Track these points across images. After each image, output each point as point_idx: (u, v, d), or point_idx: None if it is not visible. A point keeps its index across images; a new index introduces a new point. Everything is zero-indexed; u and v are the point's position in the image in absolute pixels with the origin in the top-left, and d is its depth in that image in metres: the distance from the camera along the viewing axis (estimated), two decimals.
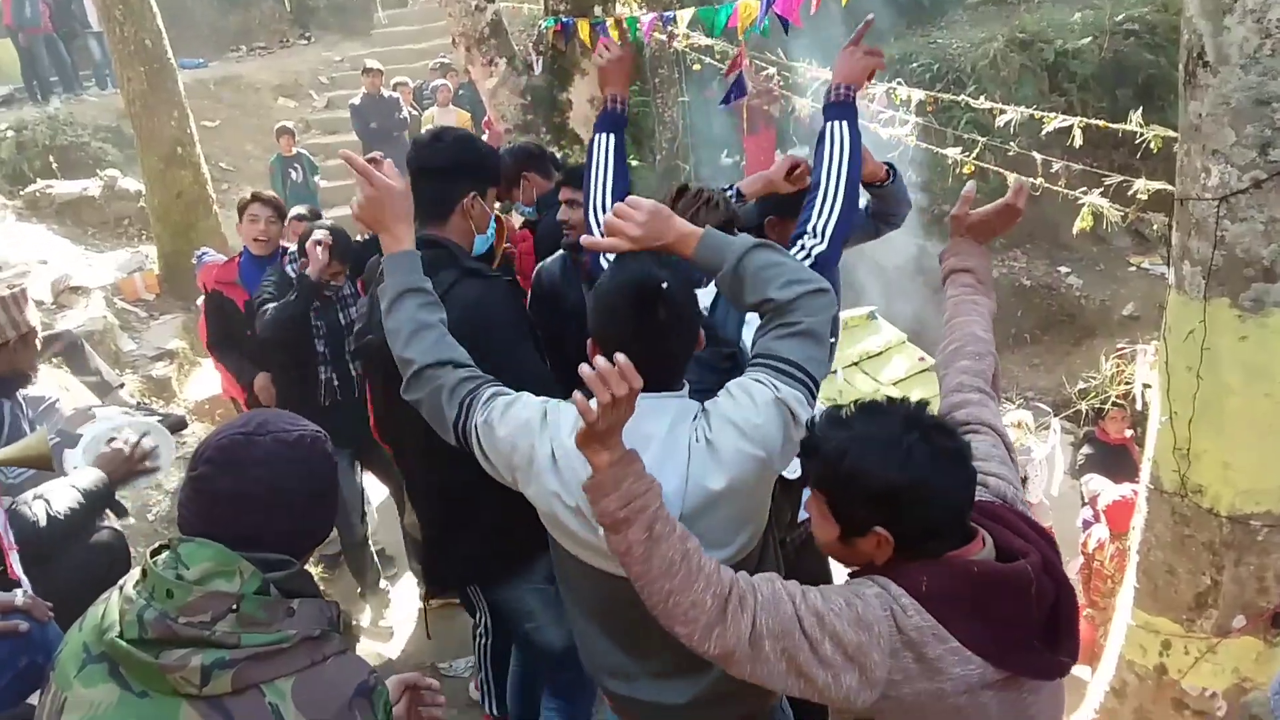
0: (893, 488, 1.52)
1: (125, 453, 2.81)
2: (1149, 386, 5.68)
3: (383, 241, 2.13)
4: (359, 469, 4.51)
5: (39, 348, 3.50)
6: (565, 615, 2.30)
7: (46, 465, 2.64)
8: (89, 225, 9.92)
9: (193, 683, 1.39)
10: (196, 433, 5.61)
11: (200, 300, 5.92)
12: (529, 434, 1.89)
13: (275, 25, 16.27)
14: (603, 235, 1.98)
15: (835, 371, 5.31)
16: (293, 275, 4.14)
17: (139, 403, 5.96)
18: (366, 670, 1.52)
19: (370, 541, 4.73)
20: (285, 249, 4.59)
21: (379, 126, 10.54)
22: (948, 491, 1.54)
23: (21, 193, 9.89)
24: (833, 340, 2.37)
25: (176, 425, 3.90)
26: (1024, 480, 5.31)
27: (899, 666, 1.52)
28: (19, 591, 2.18)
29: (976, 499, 1.64)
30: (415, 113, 11.02)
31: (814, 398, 1.93)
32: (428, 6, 13.84)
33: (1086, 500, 5.48)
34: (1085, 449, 7.35)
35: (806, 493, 2.11)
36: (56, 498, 2.65)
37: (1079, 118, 5.05)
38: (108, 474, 2.78)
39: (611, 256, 2.13)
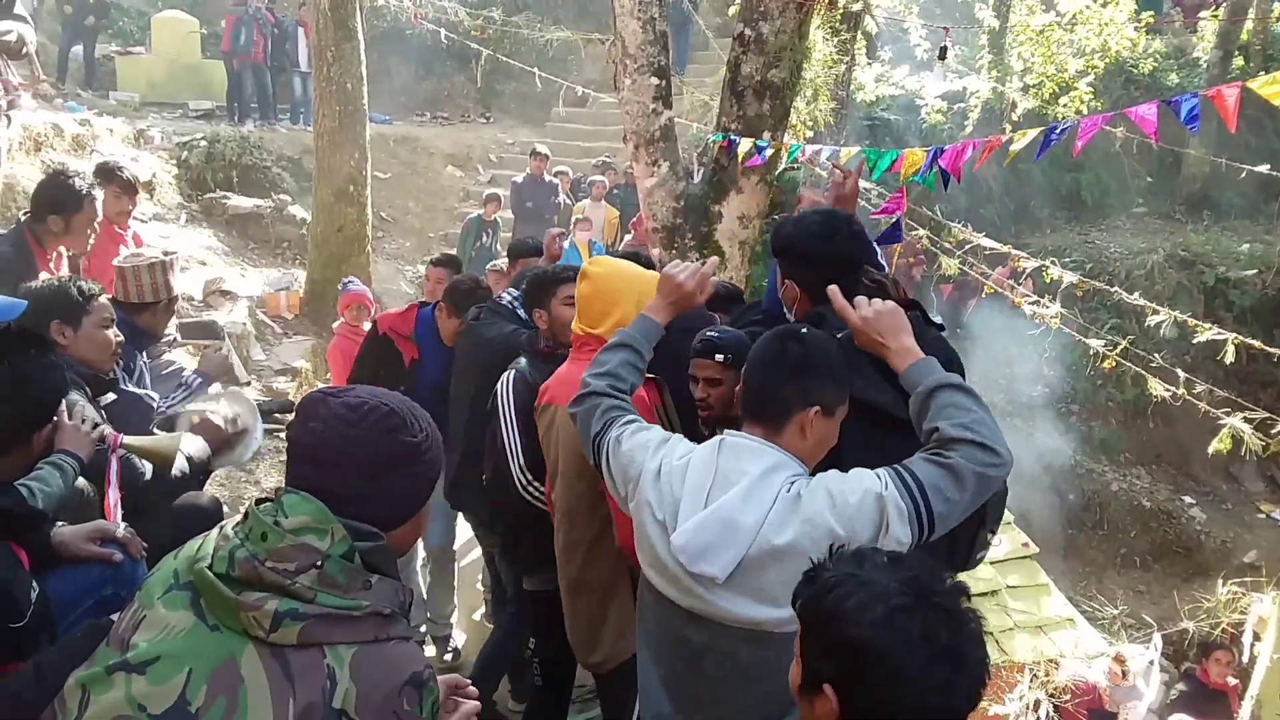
0: (857, 645, 1.29)
1: (219, 425, 3.04)
2: (1259, 639, 5.31)
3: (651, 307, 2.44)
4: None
5: (172, 317, 3.77)
6: None
7: (167, 466, 2.78)
8: (252, 240, 10.56)
9: (263, 626, 1.42)
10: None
11: (337, 325, 6.22)
12: (645, 451, 2.08)
13: (462, 100, 17.32)
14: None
15: None
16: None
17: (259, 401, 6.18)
18: (423, 662, 1.52)
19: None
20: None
21: (534, 206, 11.14)
22: (918, 683, 1.26)
23: (200, 198, 10.62)
24: (991, 535, 2.27)
25: (284, 407, 4.08)
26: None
27: None
28: (123, 524, 2.27)
29: None
30: (570, 201, 11.50)
31: (921, 529, 1.86)
32: (603, 110, 14.51)
33: None
34: (1181, 685, 6.87)
35: None
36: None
37: (1234, 335, 4.88)
38: (207, 442, 2.95)
39: None
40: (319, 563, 1.46)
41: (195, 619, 1.47)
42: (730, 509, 1.88)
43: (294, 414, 1.61)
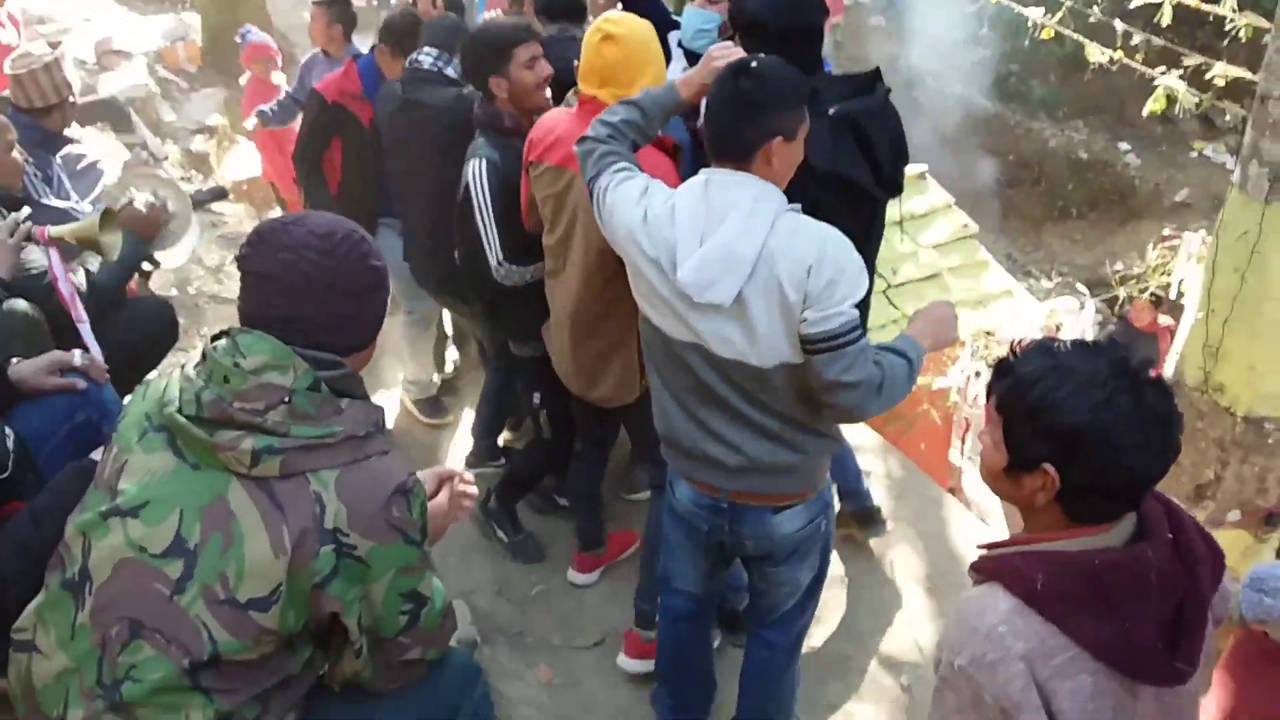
0: (1077, 429, 1.38)
1: (143, 211, 2.94)
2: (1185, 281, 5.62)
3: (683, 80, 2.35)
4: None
5: (77, 110, 3.59)
6: None
7: (98, 249, 2.70)
8: None
9: (243, 463, 1.48)
10: (239, 214, 5.64)
11: (244, 80, 5.87)
12: (629, 202, 2.13)
13: None
14: None
15: None
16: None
17: (181, 177, 5.97)
18: (406, 471, 1.60)
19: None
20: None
21: None
22: (1136, 451, 1.37)
23: None
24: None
25: (217, 195, 3.97)
26: None
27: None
28: (77, 352, 2.28)
29: None
30: None
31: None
32: None
33: None
34: (1111, 327, 7.34)
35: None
36: (93, 262, 2.75)
37: None
38: (135, 234, 2.88)
39: None
40: (286, 398, 1.50)
41: (176, 460, 1.53)
42: (731, 239, 1.96)
43: (250, 244, 1.58)
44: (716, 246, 1.97)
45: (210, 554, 1.48)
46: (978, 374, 4.98)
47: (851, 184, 2.40)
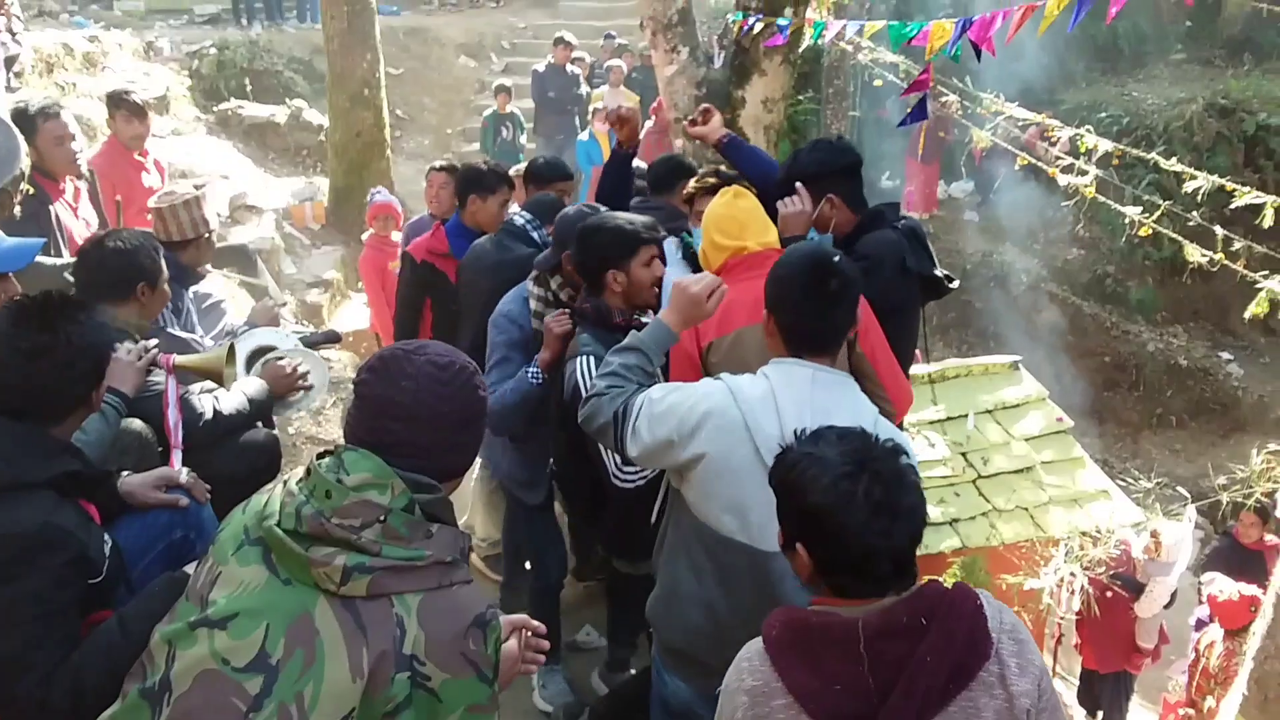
0: (810, 510, 1.58)
1: (287, 371, 3.16)
2: None
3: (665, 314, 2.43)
4: None
5: (214, 250, 3.84)
6: None
7: (219, 381, 2.87)
8: (271, 150, 10.49)
9: (333, 580, 1.50)
10: (344, 360, 5.87)
11: (365, 236, 6.24)
12: (697, 394, 2.21)
13: None
14: None
15: (968, 415, 5.18)
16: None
17: (297, 321, 6.29)
18: (485, 604, 1.60)
19: None
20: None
21: (556, 97, 10.87)
22: (859, 532, 1.54)
23: (215, 109, 10.52)
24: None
25: (331, 338, 4.18)
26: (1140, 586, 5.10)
27: None
28: (184, 470, 2.37)
29: None
30: (588, 90, 11.25)
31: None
32: None
33: (1204, 599, 5.22)
34: (1216, 544, 6.96)
35: None
36: (226, 398, 2.93)
37: (1274, 197, 4.75)
38: (271, 387, 3.06)
39: None
40: (382, 517, 1.53)
41: (268, 574, 1.55)
42: None
43: (371, 370, 1.65)
44: None
45: (291, 672, 1.48)
46: (1072, 575, 4.75)
47: (933, 279, 3.08)
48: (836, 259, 2.15)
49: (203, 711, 1.50)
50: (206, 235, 3.67)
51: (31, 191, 3.72)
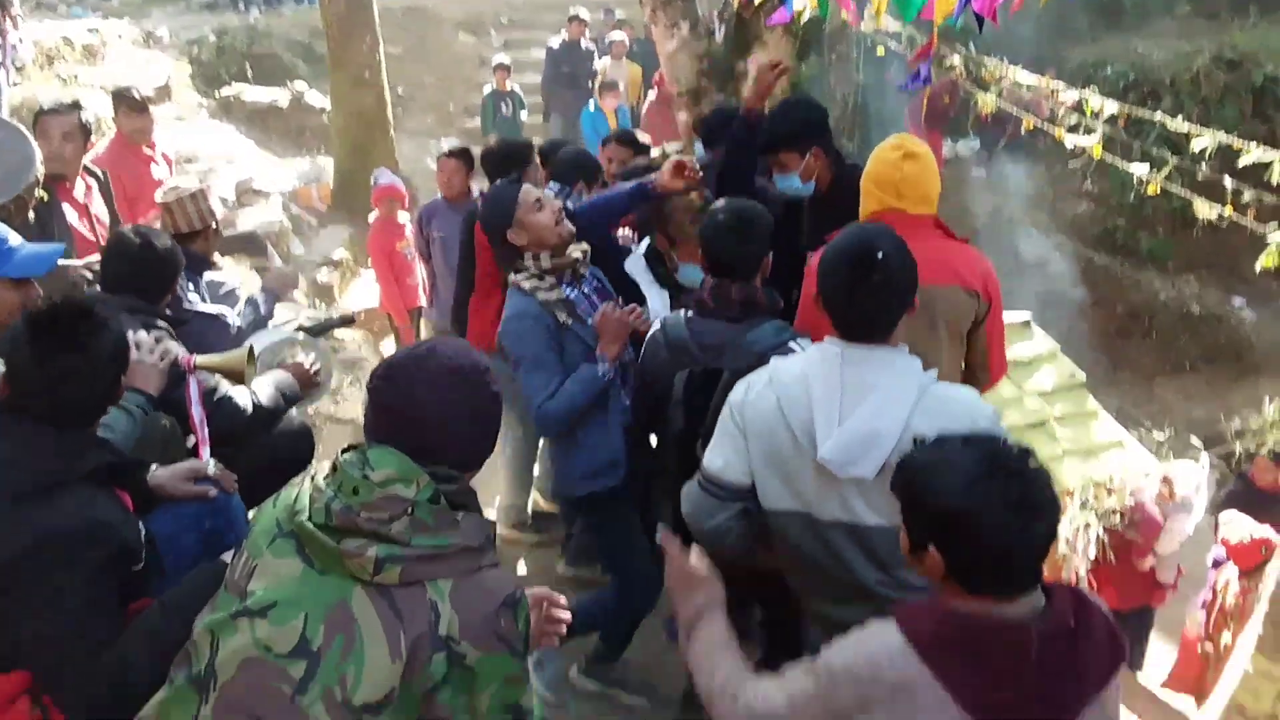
0: (945, 513, 1.59)
1: (305, 368, 3.29)
2: None
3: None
4: None
5: (221, 238, 3.91)
6: None
7: (240, 379, 2.92)
8: (274, 133, 10.50)
9: (366, 570, 1.55)
10: (357, 340, 5.93)
11: (372, 218, 6.27)
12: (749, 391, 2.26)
13: None
14: None
15: None
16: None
17: (311, 304, 6.35)
18: (513, 584, 1.66)
19: None
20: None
21: (571, 72, 10.84)
22: (997, 532, 1.55)
23: (217, 95, 10.52)
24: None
25: (345, 322, 4.25)
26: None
27: None
28: (211, 461, 2.43)
29: None
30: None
31: None
32: None
33: (1220, 539, 5.26)
34: (1232, 486, 6.99)
35: None
36: (261, 392, 3.03)
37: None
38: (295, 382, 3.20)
39: None
40: (409, 510, 1.58)
41: (304, 565, 1.60)
42: (871, 418, 2.04)
43: (383, 378, 1.70)
44: (856, 429, 2.04)
45: (332, 656, 1.53)
46: (1087, 526, 4.79)
47: None
48: (881, 253, 2.11)
49: (250, 696, 1.55)
50: (214, 225, 3.76)
51: (46, 199, 3.76)
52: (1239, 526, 5.05)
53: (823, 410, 2.07)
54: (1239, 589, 4.94)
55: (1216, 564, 5.36)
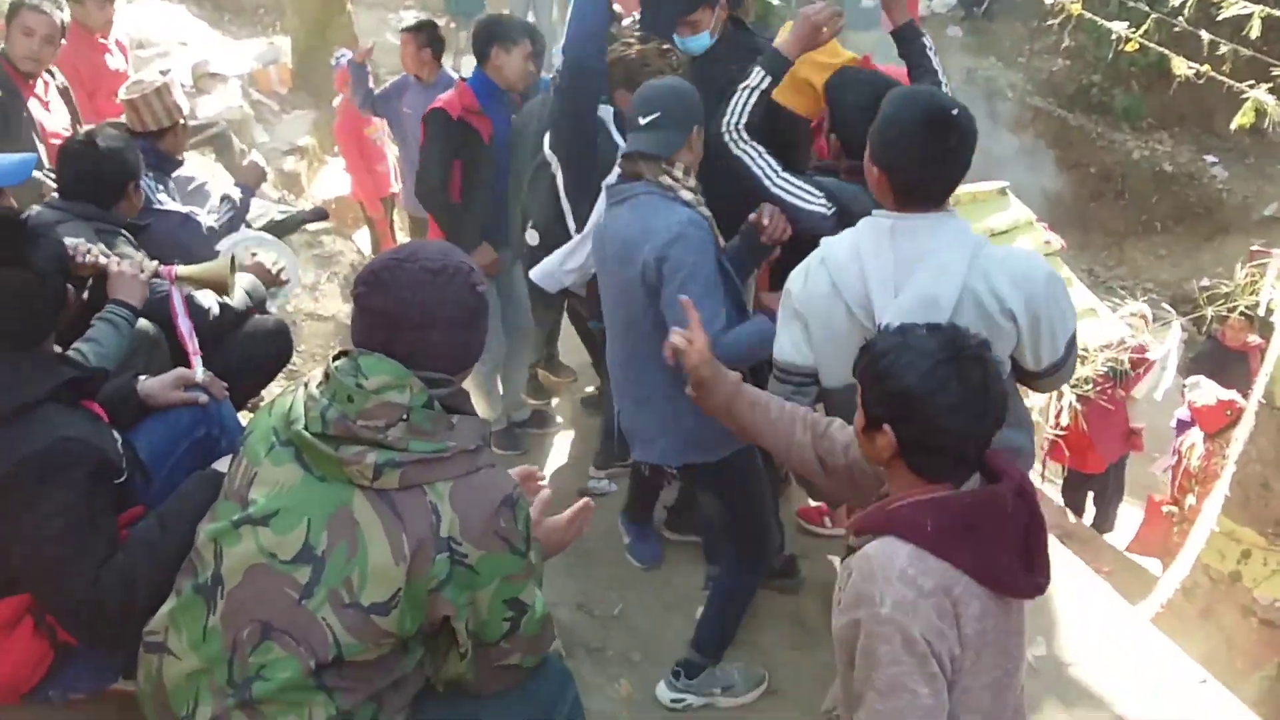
0: (904, 393, 1.64)
1: (267, 267, 3.26)
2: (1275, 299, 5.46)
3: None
4: None
5: (189, 134, 3.79)
6: None
7: (224, 290, 2.88)
8: (227, 11, 10.08)
9: (366, 476, 1.59)
10: (330, 231, 5.85)
11: (336, 103, 6.08)
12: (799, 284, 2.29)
13: None
14: None
15: None
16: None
17: (280, 197, 6.22)
18: (512, 484, 1.70)
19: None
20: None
21: None
22: (954, 414, 1.62)
23: None
24: None
25: (319, 215, 4.18)
26: (1124, 374, 5.25)
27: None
28: (201, 368, 2.43)
29: None
30: None
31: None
32: None
33: (1186, 401, 5.42)
34: (1201, 348, 7.14)
35: None
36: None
37: (1261, 6, 4.66)
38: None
39: None
40: (404, 416, 1.61)
41: (303, 472, 1.64)
42: (926, 286, 2.06)
43: (366, 283, 1.69)
44: (914, 297, 2.05)
45: (336, 560, 1.59)
46: (1060, 394, 4.91)
47: None
48: (955, 111, 2.07)
49: (257, 602, 1.62)
50: (181, 121, 3.63)
51: (1, 94, 3.63)
52: (1205, 390, 5.19)
53: (877, 282, 2.10)
54: (1204, 451, 5.12)
55: (1181, 426, 5.53)
